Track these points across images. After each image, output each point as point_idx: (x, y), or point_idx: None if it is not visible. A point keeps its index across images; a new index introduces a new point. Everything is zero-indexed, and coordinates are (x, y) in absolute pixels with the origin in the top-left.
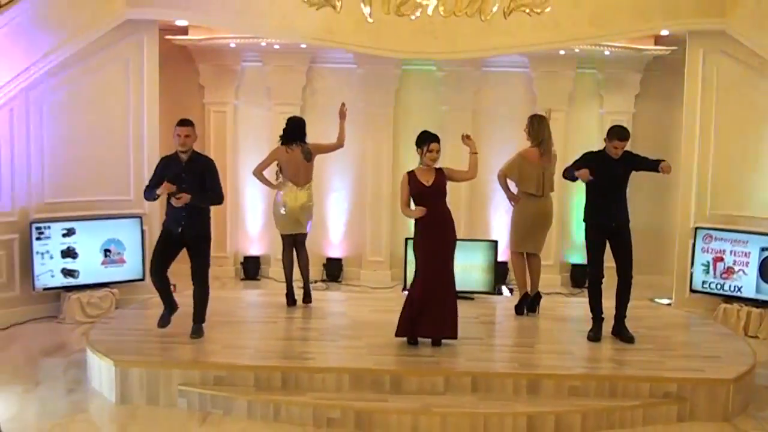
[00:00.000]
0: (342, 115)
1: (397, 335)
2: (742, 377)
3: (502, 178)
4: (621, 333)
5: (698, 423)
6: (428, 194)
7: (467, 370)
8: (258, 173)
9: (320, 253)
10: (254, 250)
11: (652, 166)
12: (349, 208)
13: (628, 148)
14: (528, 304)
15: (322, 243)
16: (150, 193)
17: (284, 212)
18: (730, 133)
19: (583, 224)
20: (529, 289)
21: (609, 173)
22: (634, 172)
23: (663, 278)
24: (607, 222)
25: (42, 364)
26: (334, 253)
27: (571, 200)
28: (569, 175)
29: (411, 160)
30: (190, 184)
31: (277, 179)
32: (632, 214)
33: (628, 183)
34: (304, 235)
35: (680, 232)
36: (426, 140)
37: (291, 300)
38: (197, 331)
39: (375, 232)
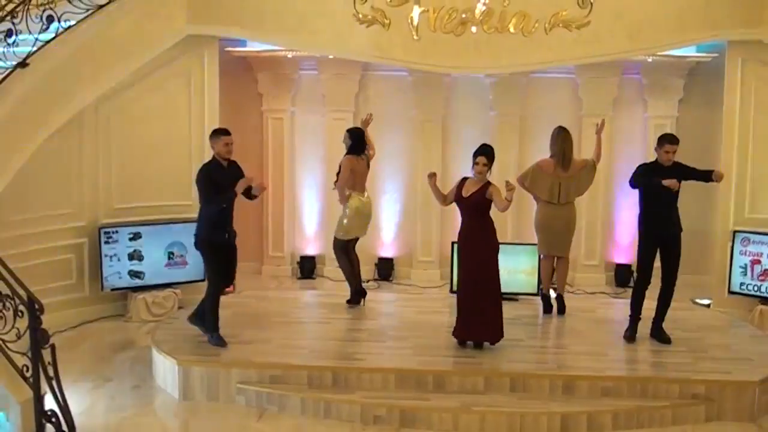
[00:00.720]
0: (365, 123)
1: (453, 334)
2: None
3: (519, 183)
4: (658, 335)
5: (725, 423)
6: (461, 204)
7: (506, 371)
8: (342, 186)
9: (372, 253)
10: (310, 250)
11: (703, 176)
12: (401, 211)
13: (676, 157)
14: (553, 305)
15: (374, 243)
16: (222, 197)
17: (360, 217)
18: None
19: (636, 229)
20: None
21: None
22: None
23: (705, 278)
24: (662, 231)
25: (111, 361)
26: (386, 253)
27: (617, 203)
28: (640, 182)
29: (459, 163)
30: (235, 182)
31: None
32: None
33: (679, 192)
34: (358, 238)
35: (719, 235)
36: (475, 153)
37: (361, 295)
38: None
39: (425, 233)
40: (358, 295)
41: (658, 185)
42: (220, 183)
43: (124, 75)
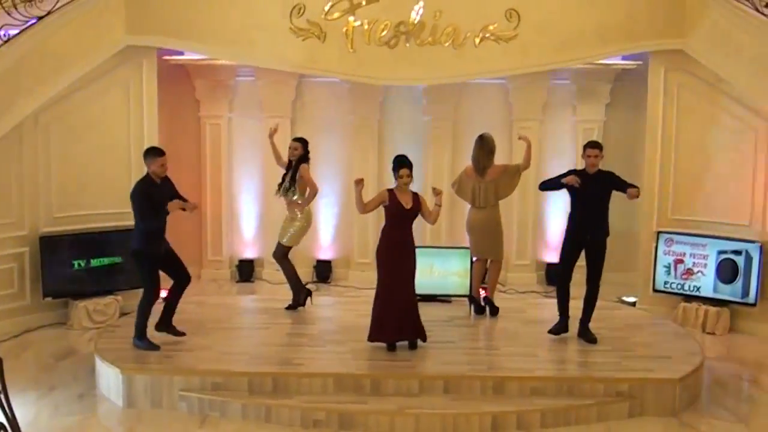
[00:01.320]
0: (272, 133)
1: (368, 340)
2: (688, 376)
3: (453, 188)
4: (585, 335)
5: (647, 418)
6: (406, 217)
7: (439, 373)
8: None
9: (310, 255)
10: (249, 254)
11: (623, 188)
12: (338, 213)
13: (605, 166)
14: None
15: (312, 246)
16: (161, 218)
17: (309, 227)
18: (691, 144)
19: (561, 230)
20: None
21: (588, 189)
22: None
23: (632, 275)
24: (583, 235)
25: (54, 370)
26: (324, 255)
27: (547, 204)
28: (551, 185)
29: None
30: (170, 198)
31: (300, 198)
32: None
33: (609, 200)
34: None
35: (644, 236)
36: (396, 166)
37: (307, 295)
38: (176, 328)
39: (361, 234)
40: (305, 296)
41: (559, 184)
42: (155, 200)
43: (63, 85)
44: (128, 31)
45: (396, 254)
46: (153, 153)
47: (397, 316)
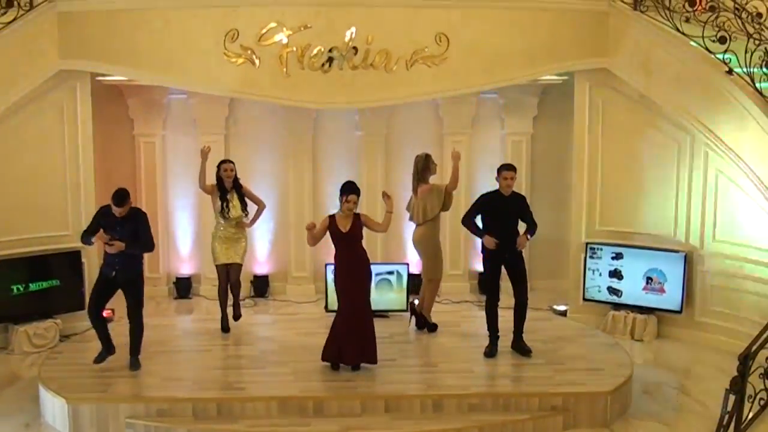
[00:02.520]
0: (204, 154)
1: (322, 359)
2: (618, 388)
3: None
4: (519, 348)
5: (581, 430)
6: (344, 239)
7: (381, 393)
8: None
9: (248, 270)
10: (185, 270)
11: (528, 223)
12: (274, 228)
13: (530, 172)
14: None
15: (249, 261)
16: (87, 239)
17: None
18: (616, 158)
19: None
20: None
21: (502, 210)
22: None
23: (562, 282)
24: (501, 253)
25: None
26: (261, 270)
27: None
28: (469, 226)
29: (328, 182)
30: (123, 233)
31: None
32: (538, 223)
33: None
34: None
35: (573, 246)
36: (345, 191)
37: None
38: (135, 364)
39: (298, 249)
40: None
41: (480, 238)
42: (102, 226)
43: None
44: (62, 55)
45: (344, 277)
46: (111, 196)
47: (350, 340)
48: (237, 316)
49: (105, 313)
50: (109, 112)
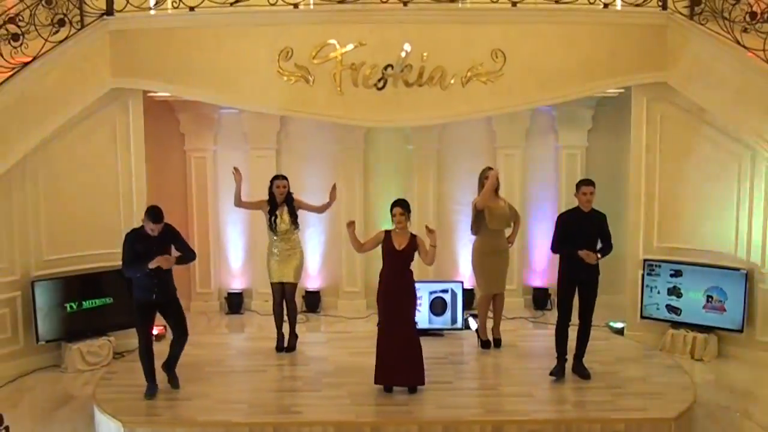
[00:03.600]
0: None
1: (375, 383)
2: (682, 415)
3: None
4: (579, 371)
5: None
6: (396, 257)
7: (438, 418)
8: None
9: (299, 285)
10: (237, 285)
11: (604, 242)
12: (325, 243)
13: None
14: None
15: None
16: (136, 268)
17: None
18: (674, 173)
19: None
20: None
21: (581, 228)
22: None
23: (619, 297)
24: (579, 274)
25: (53, 420)
26: (312, 285)
27: (531, 229)
28: (560, 252)
29: (380, 197)
30: (161, 252)
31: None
32: None
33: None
34: None
35: (630, 263)
36: (391, 207)
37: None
38: (176, 378)
39: (350, 264)
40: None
41: (575, 255)
42: (140, 252)
43: (51, 130)
44: (114, 74)
45: (391, 297)
46: (146, 214)
47: (397, 361)
48: (291, 347)
49: (158, 330)
50: (161, 127)
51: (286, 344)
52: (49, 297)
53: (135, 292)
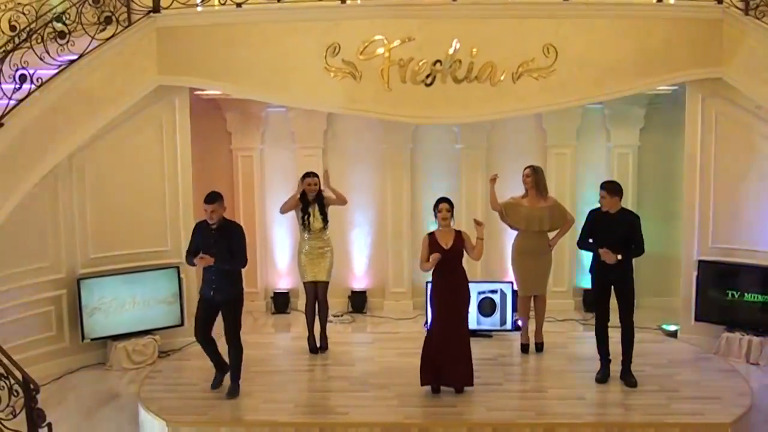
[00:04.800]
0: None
1: (421, 384)
2: (739, 419)
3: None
4: (626, 378)
5: None
6: (446, 257)
7: (488, 420)
8: None
9: (345, 286)
10: (283, 285)
11: (635, 245)
12: (371, 243)
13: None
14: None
15: (347, 276)
16: (188, 258)
17: None
18: (730, 172)
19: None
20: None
21: (606, 228)
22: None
23: (673, 300)
24: (607, 275)
25: (97, 417)
26: (359, 285)
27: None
28: (583, 247)
29: (427, 196)
30: (219, 249)
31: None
32: (644, 238)
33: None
34: None
35: (684, 264)
36: (436, 203)
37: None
38: (234, 391)
39: (396, 264)
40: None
41: (596, 253)
42: (198, 243)
43: (98, 127)
44: (161, 71)
45: (443, 297)
46: (205, 198)
47: (445, 361)
48: (323, 347)
49: None
50: (207, 126)
51: (319, 344)
52: (95, 295)
53: (200, 285)
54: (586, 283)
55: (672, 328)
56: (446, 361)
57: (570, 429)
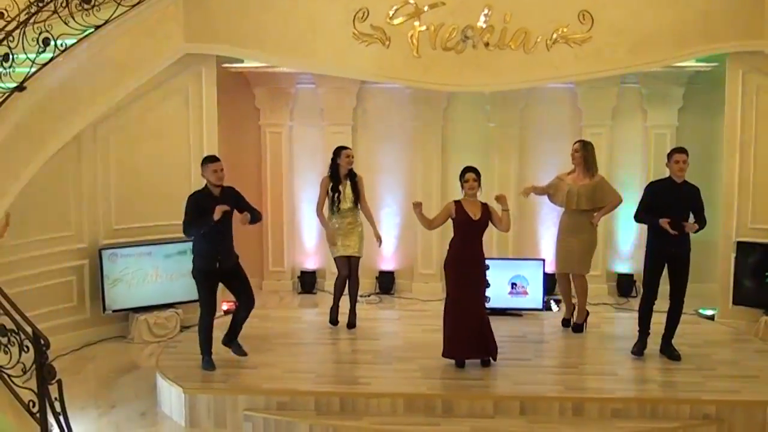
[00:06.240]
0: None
1: (443, 355)
2: None
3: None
4: (668, 352)
5: None
6: (472, 227)
7: (515, 393)
8: None
9: (373, 266)
10: (310, 264)
11: (698, 216)
12: (400, 223)
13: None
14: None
15: (374, 257)
16: (202, 222)
17: None
18: None
19: (636, 239)
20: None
21: (672, 199)
22: None
23: (708, 286)
24: (668, 248)
25: (115, 386)
26: (387, 266)
27: (617, 212)
28: (642, 221)
29: (458, 176)
30: (227, 212)
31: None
32: None
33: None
34: None
35: (722, 246)
36: (463, 172)
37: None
38: (241, 346)
39: (425, 245)
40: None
41: (657, 225)
42: (207, 211)
43: (122, 95)
44: (187, 39)
45: (464, 268)
46: (205, 161)
47: (468, 333)
48: (351, 324)
49: (227, 306)
50: (236, 101)
51: (347, 321)
52: (117, 266)
53: (197, 262)
54: (621, 267)
55: (709, 312)
56: (470, 333)
57: (601, 403)
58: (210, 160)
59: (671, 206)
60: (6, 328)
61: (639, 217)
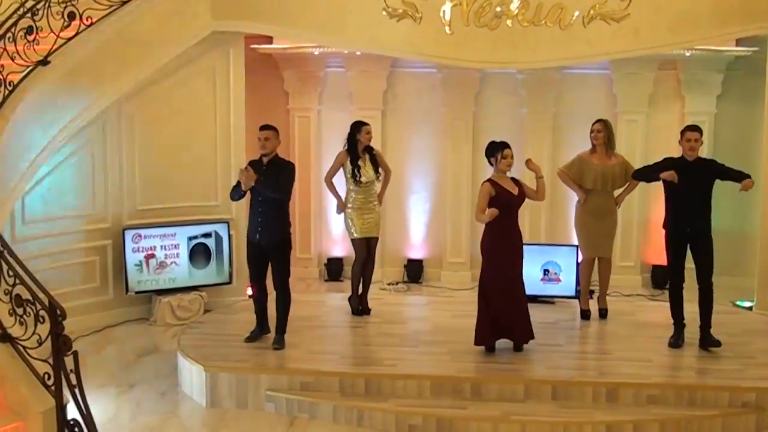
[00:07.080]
0: None
1: (476, 344)
2: None
3: None
4: (707, 341)
5: None
6: (514, 204)
7: (546, 377)
8: None
9: (401, 254)
10: (337, 252)
11: (735, 177)
12: (430, 211)
13: (712, 155)
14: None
15: (403, 245)
16: (235, 189)
17: None
18: None
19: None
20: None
21: (687, 178)
22: None
23: (747, 279)
24: (683, 228)
25: (136, 366)
26: (415, 254)
27: (652, 202)
28: (646, 175)
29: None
30: (267, 179)
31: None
32: (715, 214)
33: (711, 191)
34: None
35: (762, 236)
36: (499, 148)
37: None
38: (279, 342)
39: (455, 233)
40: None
41: (657, 178)
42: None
43: (147, 73)
44: (214, 16)
45: (504, 247)
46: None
47: (505, 314)
48: (365, 310)
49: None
50: (265, 84)
51: (360, 307)
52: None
53: (247, 230)
54: (656, 259)
55: (747, 304)
56: (507, 315)
57: (636, 389)
58: (260, 127)
59: (684, 184)
60: (21, 298)
61: (641, 172)
